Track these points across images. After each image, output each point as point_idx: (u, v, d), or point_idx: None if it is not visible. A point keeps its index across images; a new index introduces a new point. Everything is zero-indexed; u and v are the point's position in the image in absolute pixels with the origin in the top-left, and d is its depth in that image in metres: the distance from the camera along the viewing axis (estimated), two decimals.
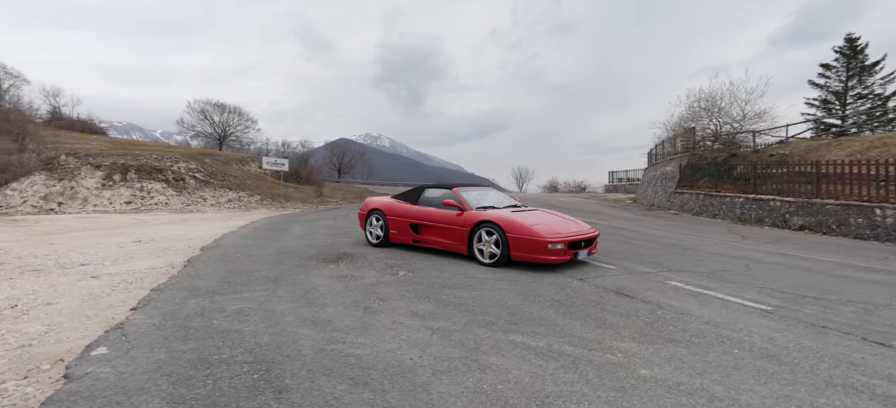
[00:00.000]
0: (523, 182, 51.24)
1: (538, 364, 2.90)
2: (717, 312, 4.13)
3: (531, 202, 20.86)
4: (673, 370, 2.85)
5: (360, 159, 45.83)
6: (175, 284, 4.64)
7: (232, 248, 7.01)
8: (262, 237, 8.43)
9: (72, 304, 3.86)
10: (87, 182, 16.20)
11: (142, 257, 6.05)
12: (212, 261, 5.87)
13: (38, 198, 15.05)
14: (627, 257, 6.87)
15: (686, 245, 8.40)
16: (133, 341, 2.99)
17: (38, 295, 4.13)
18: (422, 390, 2.48)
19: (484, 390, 2.52)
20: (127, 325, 3.30)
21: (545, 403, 2.40)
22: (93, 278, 4.81)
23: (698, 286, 5.06)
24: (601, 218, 14.58)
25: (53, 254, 6.23)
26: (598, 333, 3.51)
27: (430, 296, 4.45)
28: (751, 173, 15.15)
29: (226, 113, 37.47)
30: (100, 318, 3.48)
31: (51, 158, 16.52)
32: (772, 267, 6.41)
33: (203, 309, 3.74)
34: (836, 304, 4.49)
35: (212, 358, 2.70)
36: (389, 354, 2.97)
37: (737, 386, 2.66)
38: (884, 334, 3.59)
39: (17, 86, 35.43)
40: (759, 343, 3.35)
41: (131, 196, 16.35)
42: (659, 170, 23.38)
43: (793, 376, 2.81)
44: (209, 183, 18.95)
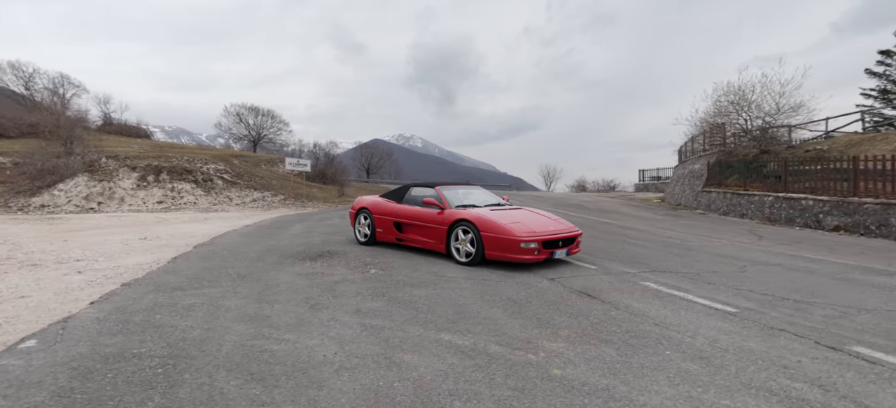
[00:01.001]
0: (551, 181, 50.34)
1: (451, 363, 2.88)
2: (675, 313, 3.97)
3: (552, 202, 20.53)
4: (587, 371, 2.79)
5: (388, 160, 46.48)
6: (147, 279, 4.89)
7: (224, 245, 7.30)
8: (260, 235, 8.73)
9: (43, 297, 4.15)
10: (124, 183, 17.33)
11: (136, 254, 6.42)
12: (196, 258, 6.15)
13: (81, 198, 16.25)
14: (616, 257, 6.64)
15: (690, 246, 8.02)
16: (67, 334, 3.17)
17: (19, 289, 4.47)
18: (316, 386, 2.51)
19: (378, 387, 2.53)
20: (74, 318, 3.52)
21: (433, 402, 2.38)
22: (78, 274, 5.15)
23: (672, 288, 4.86)
24: (615, 217, 14.12)
25: (59, 250, 6.72)
26: (534, 332, 3.46)
27: (385, 294, 4.48)
28: (781, 170, 14.27)
29: (259, 116, 38.95)
30: (58, 311, 3.73)
31: (93, 161, 17.79)
32: (770, 269, 6.04)
33: (156, 304, 3.92)
34: (815, 307, 4.23)
35: (129, 352, 2.83)
36: (306, 350, 3.02)
37: (644, 387, 2.58)
38: (842, 339, 3.38)
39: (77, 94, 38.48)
40: (699, 345, 3.23)
41: (163, 196, 17.34)
42: (687, 168, 22.39)
43: (711, 378, 2.71)
44: (235, 183, 19.79)
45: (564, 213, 15.58)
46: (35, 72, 37.93)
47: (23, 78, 38.14)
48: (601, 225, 11.58)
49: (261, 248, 7.06)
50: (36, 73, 38.06)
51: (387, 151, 47.83)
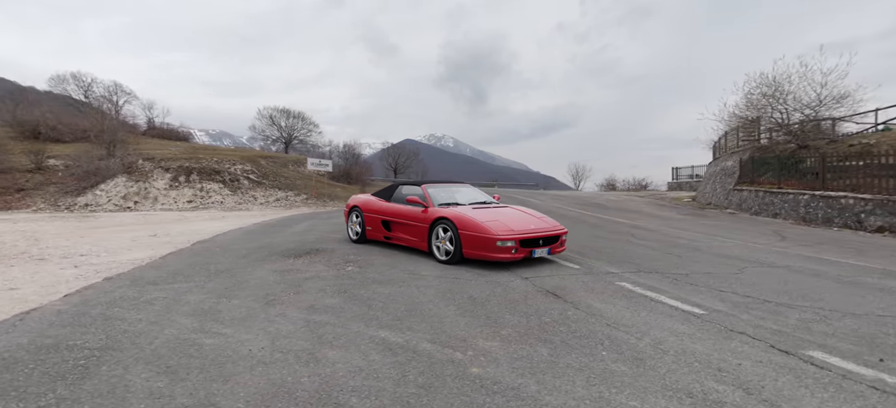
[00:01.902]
0: (580, 180, 49.09)
1: (372, 359, 2.87)
2: (635, 314, 3.82)
3: (573, 201, 20.05)
4: (506, 370, 2.73)
5: (415, 159, 46.82)
6: (130, 274, 5.14)
7: (221, 243, 7.58)
8: (262, 233, 9.00)
9: (29, 290, 4.44)
10: (158, 183, 18.36)
11: (138, 250, 6.77)
12: (187, 254, 6.41)
13: (119, 197, 17.35)
14: (607, 257, 6.41)
15: (697, 246, 7.63)
16: (21, 325, 3.37)
17: (14, 281, 4.80)
18: (222, 380, 2.55)
19: (285, 382, 2.54)
20: (40, 309, 3.74)
21: (331, 397, 2.38)
22: (74, 268, 5.49)
23: (649, 289, 4.67)
24: (631, 217, 13.62)
25: (71, 246, 7.19)
26: (476, 331, 3.41)
27: (347, 291, 4.51)
28: (819, 167, 13.31)
29: (290, 118, 40.16)
30: (32, 302, 3.98)
31: (131, 163, 18.95)
32: (772, 271, 5.68)
33: (121, 298, 4.11)
34: (796, 310, 3.97)
35: (65, 344, 2.97)
36: (236, 344, 3.07)
37: (556, 387, 2.52)
38: (803, 343, 3.18)
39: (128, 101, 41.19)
40: (641, 347, 3.11)
41: (192, 196, 18.23)
42: (719, 165, 21.29)
43: (633, 380, 2.61)
44: (261, 183, 20.53)
45: (579, 212, 15.18)
46: (93, 81, 40.83)
47: (82, 87, 41.17)
48: (612, 224, 11.18)
49: (255, 245, 7.28)
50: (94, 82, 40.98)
51: (414, 151, 48.22)
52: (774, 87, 17.02)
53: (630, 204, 19.37)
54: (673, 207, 18.56)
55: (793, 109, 16.96)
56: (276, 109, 38.45)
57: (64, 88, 41.21)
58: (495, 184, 46.22)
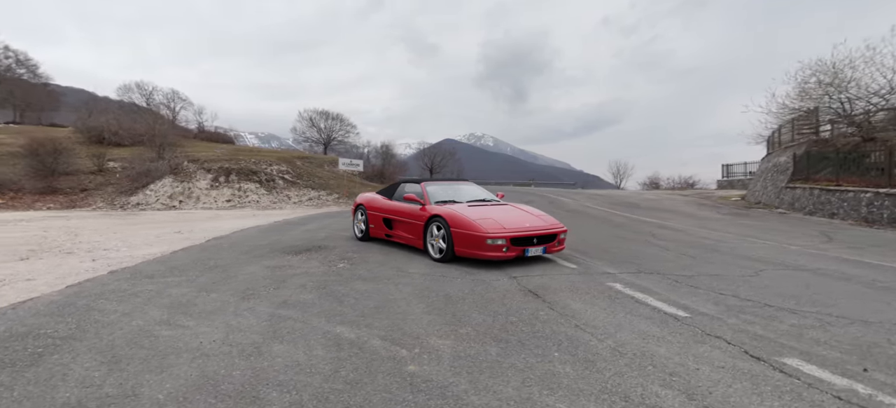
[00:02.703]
0: (621, 178, 47.17)
1: (315, 354, 2.87)
2: (610, 316, 3.63)
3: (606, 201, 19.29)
4: (444, 369, 2.67)
5: (451, 159, 46.89)
6: (134, 268, 5.42)
7: (234, 240, 7.86)
8: (277, 230, 9.26)
9: (42, 281, 4.78)
10: (200, 183, 19.47)
11: (156, 246, 7.17)
12: (196, 250, 6.69)
13: (166, 196, 18.57)
14: (611, 257, 6.11)
15: (719, 248, 7.11)
16: (11, 312, 3.64)
17: (33, 272, 5.20)
18: (157, 371, 2.61)
19: (215, 375, 2.57)
20: (37, 299, 4.00)
21: (253, 390, 2.38)
22: (91, 261, 5.87)
23: (640, 290, 4.44)
24: (662, 216, 12.94)
25: (101, 241, 7.72)
26: (434, 329, 3.35)
27: (326, 287, 4.54)
28: (886, 161, 12.04)
29: (329, 119, 41.37)
30: (36, 292, 4.27)
31: (177, 165, 20.22)
32: (792, 274, 5.26)
33: (113, 290, 4.33)
34: (797, 316, 3.62)
35: (35, 333, 3.14)
36: (191, 336, 3.15)
37: (487, 387, 2.45)
38: (783, 350, 2.94)
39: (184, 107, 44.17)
40: (599, 349, 2.98)
41: (231, 195, 19.18)
42: (771, 161, 19.74)
43: (574, 382, 2.51)
44: (295, 183, 21.28)
45: (607, 211, 14.58)
46: (154, 89, 44.07)
47: (145, 95, 44.54)
48: (637, 224, 10.64)
49: (264, 242, 7.50)
50: (154, 90, 44.23)
51: (450, 151, 48.31)
52: (834, 74, 15.50)
53: (667, 203, 18.38)
54: (715, 206, 17.43)
55: (855, 97, 15.38)
56: (315, 111, 39.78)
57: (129, 97, 44.71)
58: (532, 183, 45.40)
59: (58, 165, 19.12)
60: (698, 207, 16.96)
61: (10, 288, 4.53)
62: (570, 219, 11.76)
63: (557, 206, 16.59)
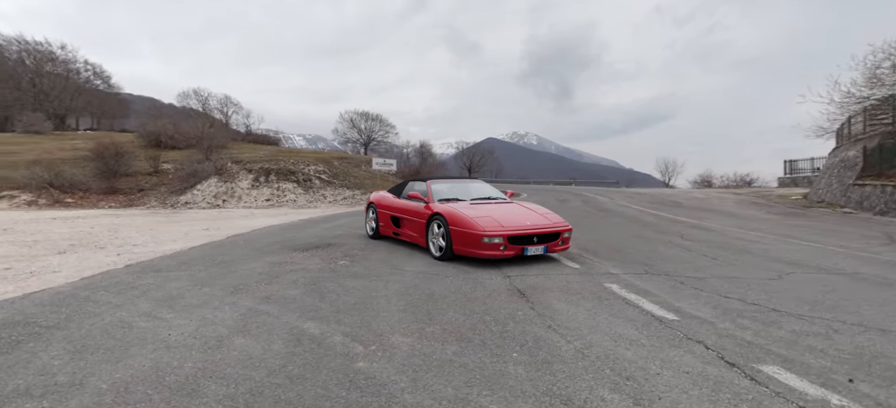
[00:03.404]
0: (670, 176, 44.72)
1: (272, 348, 2.88)
2: (593, 317, 3.47)
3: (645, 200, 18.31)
4: (393, 366, 2.63)
5: (490, 158, 46.54)
6: (148, 262, 5.71)
7: (252, 237, 8.12)
8: (295, 229, 9.49)
9: (65, 273, 5.12)
10: (242, 183, 20.47)
11: (179, 242, 7.55)
12: (212, 247, 6.96)
13: (211, 195, 19.68)
14: (622, 257, 5.86)
15: (750, 250, 6.60)
16: (19, 301, 3.91)
17: (61, 265, 5.59)
18: (114, 361, 2.69)
19: (168, 366, 2.63)
20: (48, 290, 4.29)
21: (193, 382, 2.42)
22: (116, 256, 6.26)
23: (637, 291, 4.20)
24: (700, 216, 12.19)
25: (136, 236, 8.23)
26: (402, 326, 3.30)
27: (316, 283, 4.57)
28: None
29: (369, 120, 42.23)
30: (53, 282, 4.60)
31: (222, 166, 21.37)
32: (821, 279, 4.84)
33: (116, 283, 4.57)
34: (804, 322, 3.31)
35: (27, 321, 3.33)
36: (163, 328, 3.24)
37: (428, 387, 2.41)
38: (767, 357, 2.70)
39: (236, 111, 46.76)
40: (564, 349, 2.88)
41: (270, 195, 20.02)
42: (839, 156, 17.95)
43: (520, 383, 2.43)
44: (331, 183, 21.87)
45: (641, 210, 13.86)
46: (209, 95, 46.93)
47: (201, 100, 47.55)
48: (668, 224, 10.04)
49: (277, 239, 7.71)
50: (210, 96, 47.11)
51: (488, 150, 47.95)
52: None
53: (714, 202, 17.20)
54: (768, 205, 16.12)
55: None
56: (355, 112, 40.76)
57: (187, 103, 47.91)
58: (573, 182, 44.11)
59: (119, 167, 20.77)
60: (748, 206, 15.75)
61: (36, 279, 4.90)
62: (597, 218, 11.27)
63: (592, 205, 15.97)
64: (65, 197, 18.65)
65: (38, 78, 45.79)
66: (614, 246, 6.73)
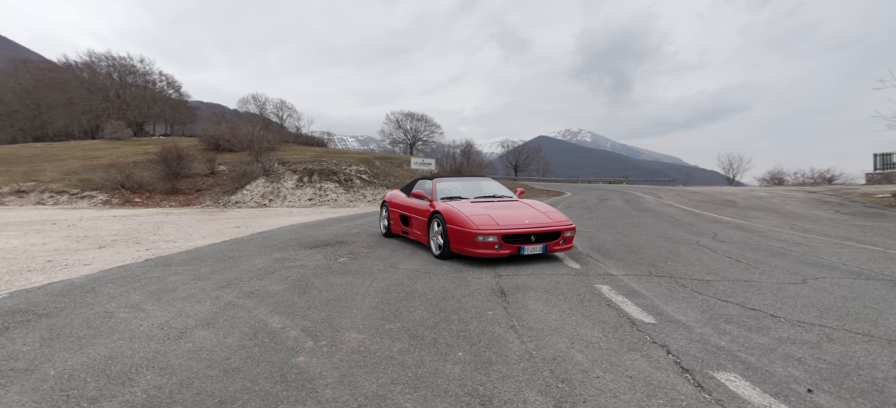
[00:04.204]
0: (735, 173, 41.37)
1: (226, 341, 2.95)
2: (563, 319, 3.32)
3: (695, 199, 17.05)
4: (330, 362, 2.64)
5: (536, 157, 45.59)
6: (166, 257, 6.06)
7: (270, 234, 8.42)
8: (317, 227, 9.72)
9: (92, 266, 5.55)
10: (287, 184, 21.45)
11: (206, 239, 7.98)
12: (230, 244, 7.27)
13: (258, 195, 20.79)
14: (630, 257, 5.57)
15: (787, 253, 6.08)
16: (35, 289, 4.27)
17: (95, 259, 6.06)
18: (74, 349, 2.84)
19: (120, 355, 2.76)
20: (64, 281, 4.68)
21: (133, 372, 2.51)
22: (145, 251, 6.72)
23: (627, 293, 3.96)
24: (747, 216, 11.31)
25: (172, 233, 8.82)
26: (365, 323, 3.30)
27: (306, 280, 4.65)
28: None
29: (414, 121, 42.76)
30: (76, 274, 5.02)
31: (269, 167, 22.54)
32: (851, 285, 4.37)
33: (125, 276, 4.87)
34: (799, 329, 2.96)
35: (25, 309, 3.63)
36: (140, 320, 3.41)
37: (354, 383, 2.41)
38: (729, 363, 2.51)
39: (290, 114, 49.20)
40: (512, 351, 2.82)
41: (313, 194, 20.80)
42: None
43: (448, 383, 2.35)
44: (372, 182, 22.36)
45: (683, 209, 12.95)
46: (266, 100, 49.67)
47: (259, 105, 50.46)
48: (705, 224, 9.37)
49: (294, 237, 7.95)
50: (267, 101, 49.86)
51: (535, 148, 46.98)
52: None
53: (774, 201, 15.73)
54: (841, 204, 14.49)
55: None
56: (401, 113, 41.47)
57: (247, 107, 50.97)
58: (625, 180, 42.14)
59: (181, 169, 22.51)
60: (814, 205, 14.24)
61: (66, 271, 5.36)
62: (629, 218, 10.68)
63: (633, 204, 15.14)
64: (134, 197, 20.51)
65: (122, 89, 50.80)
66: (631, 246, 6.31)
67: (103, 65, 50.47)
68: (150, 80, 53.15)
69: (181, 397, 2.24)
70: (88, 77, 48.78)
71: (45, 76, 47.72)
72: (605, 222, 9.80)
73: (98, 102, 47.78)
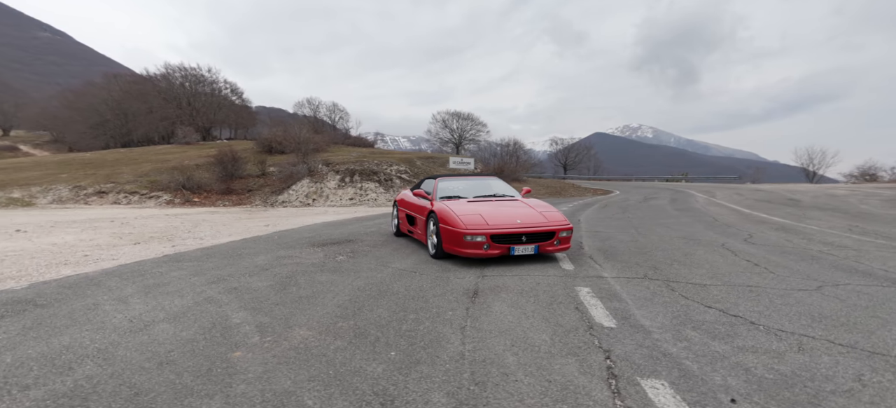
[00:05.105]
0: (816, 168, 37.36)
1: (181, 335, 3.05)
2: (519, 322, 3.18)
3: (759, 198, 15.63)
4: (260, 356, 2.70)
5: (586, 155, 44.04)
6: (183, 254, 6.42)
7: (288, 233, 8.67)
8: (336, 226, 9.92)
9: (118, 261, 6.01)
10: (329, 184, 22.21)
11: (232, 236, 8.40)
12: (246, 241, 7.59)
13: (303, 195, 21.72)
14: (634, 260, 5.28)
15: (822, 258, 5.60)
16: (51, 281, 4.67)
17: (124, 254, 6.55)
18: (46, 338, 3.06)
19: (73, 347, 2.91)
20: (79, 274, 5.09)
21: (73, 363, 2.64)
22: (172, 248, 7.19)
23: (606, 297, 3.73)
24: (800, 217, 10.42)
25: (205, 230, 9.39)
26: (322, 320, 3.32)
27: (293, 277, 4.76)
28: None
29: (460, 120, 42.76)
30: (95, 267, 5.47)
31: (313, 168, 23.49)
32: (874, 293, 3.85)
33: (135, 271, 5.20)
34: (771, 338, 2.66)
35: (29, 300, 3.95)
36: (119, 312, 3.61)
37: (271, 379, 2.44)
38: (667, 371, 2.34)
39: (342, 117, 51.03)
40: (448, 352, 2.78)
41: (354, 194, 21.39)
42: None
43: (361, 380, 2.37)
44: (411, 182, 22.61)
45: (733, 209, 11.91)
46: (320, 104, 51.83)
47: (313, 108, 52.76)
48: (745, 224, 8.70)
49: (310, 235, 8.16)
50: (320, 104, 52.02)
51: (586, 146, 45.35)
52: None
53: (847, 201, 14.12)
54: None
55: None
56: (447, 112, 41.62)
57: (302, 111, 53.48)
58: (683, 178, 39.55)
59: (235, 170, 24.04)
60: (891, 206, 12.50)
61: (93, 265, 5.83)
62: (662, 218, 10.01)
63: (677, 203, 14.18)
64: (193, 197, 22.20)
65: (193, 98, 55.24)
66: (644, 248, 5.89)
67: (177, 75, 55.07)
68: (217, 88, 57.37)
69: (103, 387, 2.33)
70: (165, 87, 53.49)
71: (131, 88, 52.80)
72: (633, 223, 9.23)
73: (172, 110, 52.22)
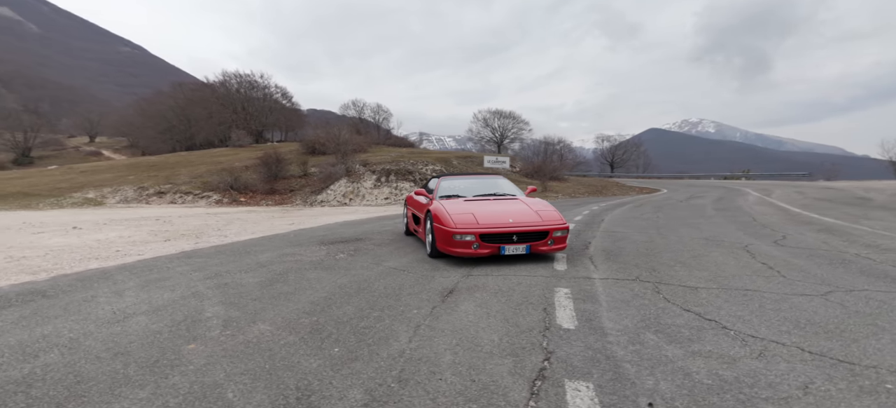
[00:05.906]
0: None
1: (152, 328, 3.19)
2: (478, 321, 3.15)
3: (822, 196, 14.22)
4: (210, 349, 2.79)
5: (635, 152, 42.22)
6: (198, 250, 6.71)
7: (304, 231, 8.91)
8: (353, 225, 10.03)
9: (145, 255, 6.45)
10: (366, 184, 22.69)
11: (254, 234, 8.72)
12: (263, 239, 7.86)
13: (341, 195, 22.33)
14: (634, 262, 5.01)
15: (851, 262, 5.08)
16: (68, 275, 5.07)
17: (154, 250, 7.00)
18: (33, 326, 3.30)
19: (50, 337, 3.11)
20: (99, 268, 5.49)
21: (39, 353, 2.82)
22: (195, 244, 7.61)
23: (585, 299, 3.58)
24: (854, 217, 9.42)
25: (234, 228, 9.85)
26: (291, 315, 3.37)
27: (286, 273, 4.88)
28: None
29: (502, 118, 42.34)
30: (126, 261, 5.87)
31: (350, 168, 24.09)
32: (886, 300, 3.34)
33: (147, 266, 5.49)
34: (727, 343, 2.46)
35: (40, 291, 4.29)
36: (112, 305, 3.83)
37: (207, 372, 2.49)
38: (598, 375, 2.18)
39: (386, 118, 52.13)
40: (389, 351, 2.71)
41: (389, 193, 21.72)
42: None
43: (293, 375, 2.35)
44: None
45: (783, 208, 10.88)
46: (364, 105, 53.19)
47: (358, 110, 54.26)
48: (784, 226, 8.13)
49: (324, 234, 8.33)
50: (365, 105, 53.38)
51: (634, 144, 43.43)
52: None
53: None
54: None
55: None
56: (488, 111, 41.32)
57: (347, 112, 55.07)
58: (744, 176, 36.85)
59: (279, 171, 25.18)
60: None
61: (120, 259, 6.26)
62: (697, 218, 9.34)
63: (721, 204, 13.21)
64: (239, 197, 23.48)
65: (247, 102, 58.55)
66: (653, 249, 5.55)
67: (233, 82, 58.53)
68: (268, 93, 60.42)
69: (52, 375, 2.46)
70: (223, 93, 57.05)
71: (194, 95, 56.74)
72: (659, 223, 8.69)
73: (228, 115, 55.57)
